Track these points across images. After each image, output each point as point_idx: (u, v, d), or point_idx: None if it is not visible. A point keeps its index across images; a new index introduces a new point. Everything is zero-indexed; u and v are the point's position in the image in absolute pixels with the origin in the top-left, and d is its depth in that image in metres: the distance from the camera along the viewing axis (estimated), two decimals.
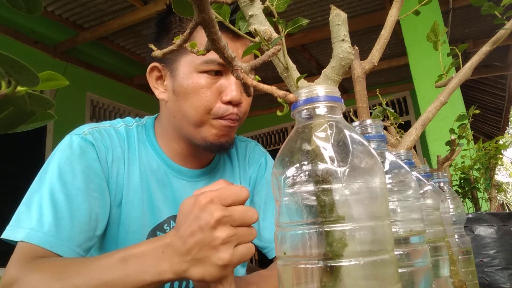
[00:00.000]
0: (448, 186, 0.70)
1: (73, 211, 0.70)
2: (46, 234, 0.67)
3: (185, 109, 0.79)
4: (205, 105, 0.78)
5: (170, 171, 0.86)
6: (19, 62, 0.22)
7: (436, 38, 0.74)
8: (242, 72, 0.39)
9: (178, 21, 0.83)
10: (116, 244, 0.80)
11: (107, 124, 0.84)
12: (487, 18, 3.64)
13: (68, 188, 0.71)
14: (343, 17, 0.45)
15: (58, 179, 0.71)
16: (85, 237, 0.71)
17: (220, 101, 0.79)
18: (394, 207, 0.43)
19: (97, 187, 0.75)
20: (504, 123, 6.06)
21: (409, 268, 0.41)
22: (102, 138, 0.80)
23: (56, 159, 0.74)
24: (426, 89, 2.73)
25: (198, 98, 0.78)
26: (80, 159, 0.74)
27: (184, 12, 0.36)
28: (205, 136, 0.80)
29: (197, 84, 0.78)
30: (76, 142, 0.76)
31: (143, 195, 0.82)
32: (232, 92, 0.78)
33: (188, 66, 0.79)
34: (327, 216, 0.32)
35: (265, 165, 0.98)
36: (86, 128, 0.80)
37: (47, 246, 0.66)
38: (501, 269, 0.83)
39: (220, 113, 0.78)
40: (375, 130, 0.46)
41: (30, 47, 3.50)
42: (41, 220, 0.67)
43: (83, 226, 0.71)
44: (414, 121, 0.60)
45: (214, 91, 0.78)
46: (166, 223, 0.83)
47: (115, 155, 0.80)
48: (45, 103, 0.25)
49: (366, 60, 0.57)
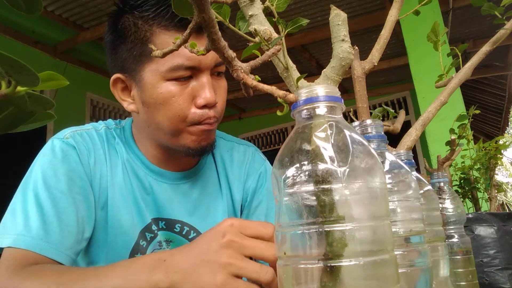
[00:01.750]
0: (448, 186, 0.70)
1: (60, 214, 0.69)
2: (34, 238, 0.66)
3: (159, 120, 0.75)
4: (179, 114, 0.73)
5: (150, 174, 0.84)
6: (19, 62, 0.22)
7: (436, 38, 0.74)
8: (242, 72, 0.39)
9: (132, 25, 0.75)
10: (107, 246, 0.78)
11: (88, 127, 0.84)
12: (487, 18, 3.64)
13: (52, 192, 0.71)
14: (343, 17, 0.45)
15: (42, 183, 0.71)
16: (74, 240, 0.70)
17: (194, 106, 0.74)
18: (394, 207, 0.43)
19: (80, 190, 0.75)
20: (504, 123, 6.06)
21: (409, 268, 0.41)
22: (83, 141, 0.79)
23: (39, 164, 0.74)
24: (426, 89, 2.73)
25: (170, 108, 0.73)
26: (62, 163, 0.74)
27: (184, 12, 0.36)
28: (185, 143, 0.77)
29: (167, 93, 0.72)
30: (58, 146, 0.76)
31: (128, 197, 0.81)
32: (206, 95, 0.73)
33: (154, 75, 0.73)
34: (327, 216, 0.32)
35: (265, 174, 0.94)
36: (68, 132, 0.79)
37: (36, 249, 0.65)
38: (501, 269, 0.83)
39: (197, 119, 0.74)
40: (375, 130, 0.46)
41: (30, 47, 3.50)
42: (28, 224, 0.67)
43: (72, 229, 0.70)
44: (414, 121, 0.60)
45: (186, 97, 0.73)
46: (152, 225, 0.82)
47: (97, 157, 0.80)
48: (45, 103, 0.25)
49: (366, 60, 0.57)
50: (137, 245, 0.80)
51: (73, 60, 3.88)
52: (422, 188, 0.52)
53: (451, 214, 0.66)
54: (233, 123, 5.70)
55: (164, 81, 0.73)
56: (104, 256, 0.79)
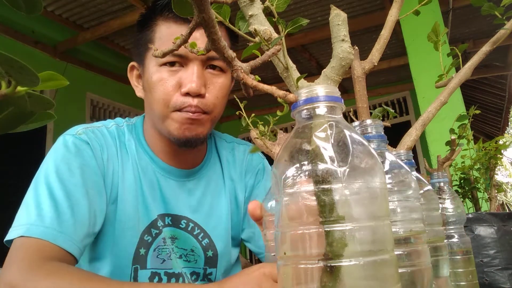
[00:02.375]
0: (448, 186, 0.70)
1: (74, 206, 0.69)
2: (48, 227, 0.65)
3: (151, 103, 0.80)
4: (163, 97, 0.77)
5: (158, 171, 0.86)
6: (19, 62, 0.22)
7: (436, 38, 0.74)
8: (242, 72, 0.39)
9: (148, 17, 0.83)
10: (113, 241, 0.79)
11: (99, 125, 0.85)
12: (487, 18, 3.64)
13: (66, 185, 0.71)
14: (343, 17, 0.45)
15: (56, 176, 0.71)
16: (85, 233, 0.70)
17: (178, 93, 0.77)
18: (394, 207, 0.43)
19: (94, 185, 0.75)
20: (504, 123, 6.06)
21: (409, 268, 0.41)
22: (96, 137, 0.80)
23: (51, 159, 0.74)
24: (426, 89, 2.73)
25: (158, 91, 0.78)
26: (76, 157, 0.75)
27: (184, 12, 0.36)
28: (169, 130, 0.79)
29: (157, 78, 0.78)
30: (71, 141, 0.77)
31: (137, 193, 0.82)
32: (190, 83, 0.76)
33: (152, 61, 0.79)
34: (327, 216, 0.32)
35: (263, 171, 0.98)
36: (80, 128, 0.81)
37: (50, 238, 0.64)
38: (501, 269, 0.83)
39: (178, 105, 0.77)
40: (375, 130, 0.46)
41: (30, 47, 3.49)
42: (41, 214, 0.66)
43: (84, 221, 0.70)
44: (414, 121, 0.60)
45: (173, 83, 0.77)
46: (157, 221, 0.84)
47: (110, 153, 0.81)
48: (45, 103, 0.25)
49: (366, 60, 0.57)
50: (142, 240, 0.81)
51: (73, 60, 3.88)
52: (422, 188, 0.52)
53: (451, 214, 0.66)
54: (233, 123, 5.69)
55: (157, 66, 0.78)
56: (109, 251, 0.80)
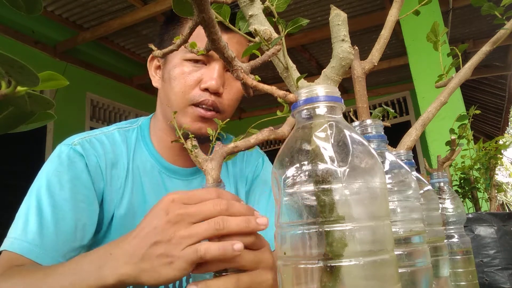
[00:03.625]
0: (448, 186, 0.70)
1: (59, 220, 0.70)
2: (30, 243, 0.67)
3: (169, 94, 0.83)
4: (183, 90, 0.80)
5: (164, 171, 0.87)
6: (19, 62, 0.22)
7: (436, 38, 0.74)
8: (242, 72, 0.39)
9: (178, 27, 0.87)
10: None
11: (97, 132, 0.86)
12: (487, 18, 3.64)
13: (55, 199, 0.72)
14: (343, 17, 0.45)
15: (46, 190, 0.72)
16: (70, 247, 0.71)
17: (198, 88, 0.81)
18: (394, 207, 0.43)
19: (84, 198, 0.75)
20: (504, 123, 6.06)
21: (409, 268, 0.41)
22: (92, 147, 0.80)
23: (45, 170, 0.75)
24: (426, 89, 2.73)
25: (178, 83, 0.81)
26: (68, 170, 0.75)
27: (184, 12, 0.36)
28: (181, 123, 0.81)
29: (180, 71, 0.82)
30: (65, 153, 0.77)
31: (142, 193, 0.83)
32: (211, 80, 0.79)
33: (176, 55, 0.83)
34: (327, 216, 0.32)
35: (262, 165, 0.99)
36: (76, 139, 0.81)
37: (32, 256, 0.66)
38: (501, 269, 0.83)
39: (196, 99, 0.80)
40: (375, 130, 0.46)
41: (30, 47, 3.50)
42: (26, 229, 0.68)
43: (68, 236, 0.70)
44: (414, 121, 0.60)
45: (195, 78, 0.81)
46: None
47: (108, 161, 0.81)
48: (45, 103, 0.25)
49: (366, 60, 0.57)
50: None
51: (73, 60, 3.88)
52: (422, 188, 0.52)
53: (451, 214, 0.66)
54: (233, 123, 5.70)
55: (182, 60, 0.82)
56: None
